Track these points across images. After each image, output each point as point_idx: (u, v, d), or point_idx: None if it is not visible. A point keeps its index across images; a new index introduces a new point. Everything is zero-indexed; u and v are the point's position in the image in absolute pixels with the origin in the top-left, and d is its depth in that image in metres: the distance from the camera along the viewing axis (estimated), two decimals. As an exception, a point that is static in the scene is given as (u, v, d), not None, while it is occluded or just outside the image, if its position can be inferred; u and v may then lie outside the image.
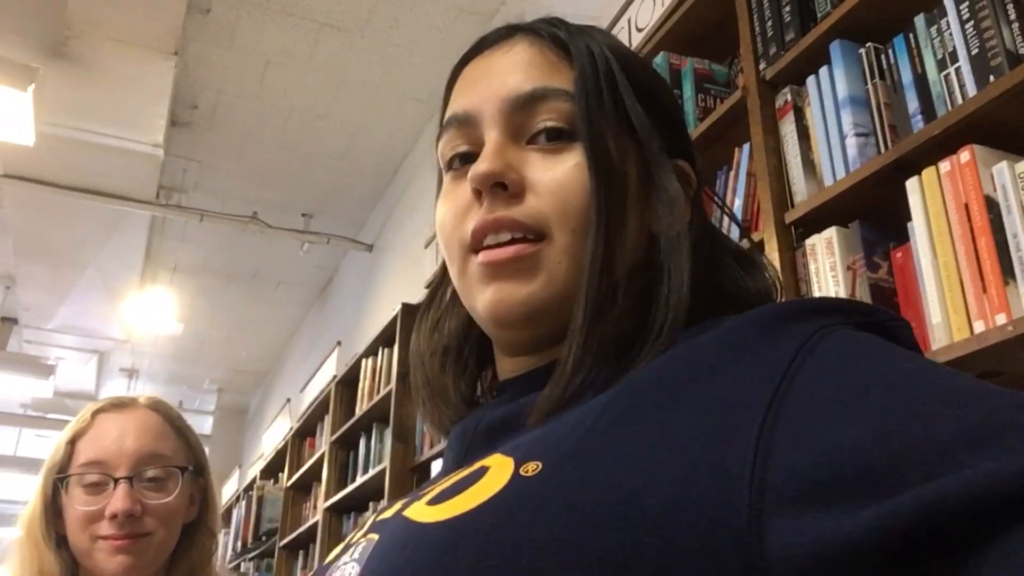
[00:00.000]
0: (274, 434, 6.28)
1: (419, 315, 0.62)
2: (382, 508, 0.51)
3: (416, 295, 3.59)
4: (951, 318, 1.15)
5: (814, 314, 0.41)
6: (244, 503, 5.80)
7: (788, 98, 1.53)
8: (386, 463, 3.35)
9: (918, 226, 1.22)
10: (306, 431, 5.06)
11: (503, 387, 0.55)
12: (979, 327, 1.11)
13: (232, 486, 7.29)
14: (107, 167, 4.51)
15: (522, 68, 0.53)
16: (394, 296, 4.16)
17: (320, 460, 4.35)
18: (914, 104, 1.31)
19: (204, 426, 8.96)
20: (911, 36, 1.34)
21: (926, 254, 1.20)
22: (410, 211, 4.53)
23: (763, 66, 1.59)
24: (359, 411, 3.87)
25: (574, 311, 0.48)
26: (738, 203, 1.62)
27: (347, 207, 5.22)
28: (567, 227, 0.49)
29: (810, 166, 1.47)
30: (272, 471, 5.67)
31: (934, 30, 1.30)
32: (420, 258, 3.92)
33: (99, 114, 4.11)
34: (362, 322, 5.02)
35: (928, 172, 1.21)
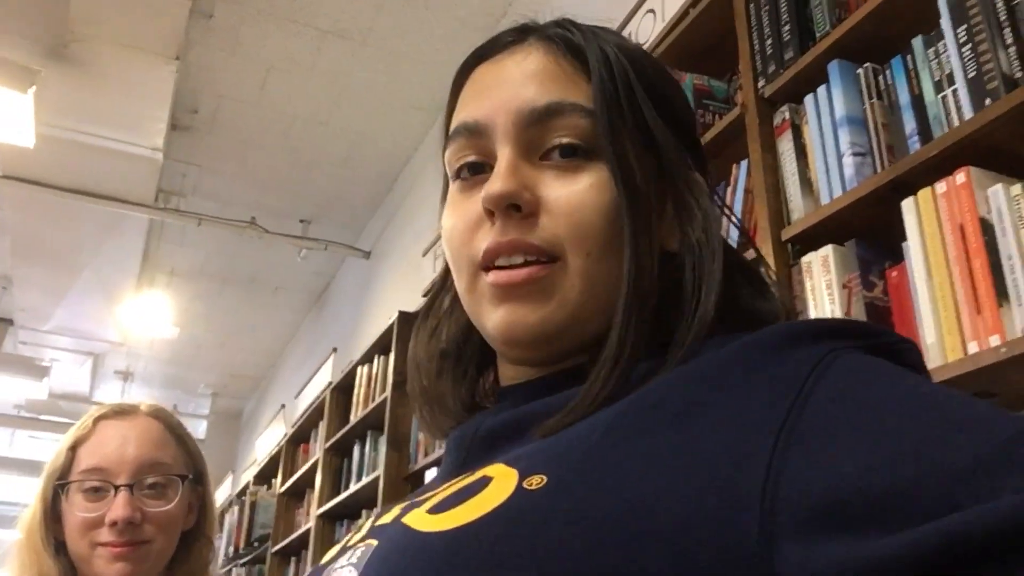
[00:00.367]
0: (268, 440, 6.26)
1: (418, 320, 0.61)
2: (380, 512, 0.50)
3: (413, 303, 3.59)
4: (945, 338, 1.16)
5: (825, 336, 0.41)
6: (237, 508, 5.79)
7: (786, 116, 1.54)
8: (380, 471, 3.34)
9: (913, 246, 1.23)
10: (300, 437, 5.06)
11: (504, 393, 0.54)
12: (973, 348, 1.12)
13: (225, 491, 7.27)
14: (106, 170, 4.51)
15: (537, 79, 0.51)
16: (391, 304, 4.16)
17: (314, 467, 4.34)
18: (911, 125, 1.32)
19: (198, 430, 8.93)
20: (909, 57, 1.35)
21: (921, 274, 1.21)
22: (409, 219, 4.53)
23: (762, 84, 1.61)
24: (354, 418, 3.86)
25: (610, 336, 0.47)
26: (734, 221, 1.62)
27: (346, 214, 5.22)
28: (582, 250, 0.48)
29: (807, 184, 1.48)
30: (265, 477, 5.66)
31: (931, 52, 1.31)
32: (418, 266, 3.92)
33: (99, 117, 4.11)
34: (358, 329, 5.02)
35: (924, 193, 1.22)
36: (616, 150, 0.49)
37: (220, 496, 7.11)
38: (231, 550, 5.74)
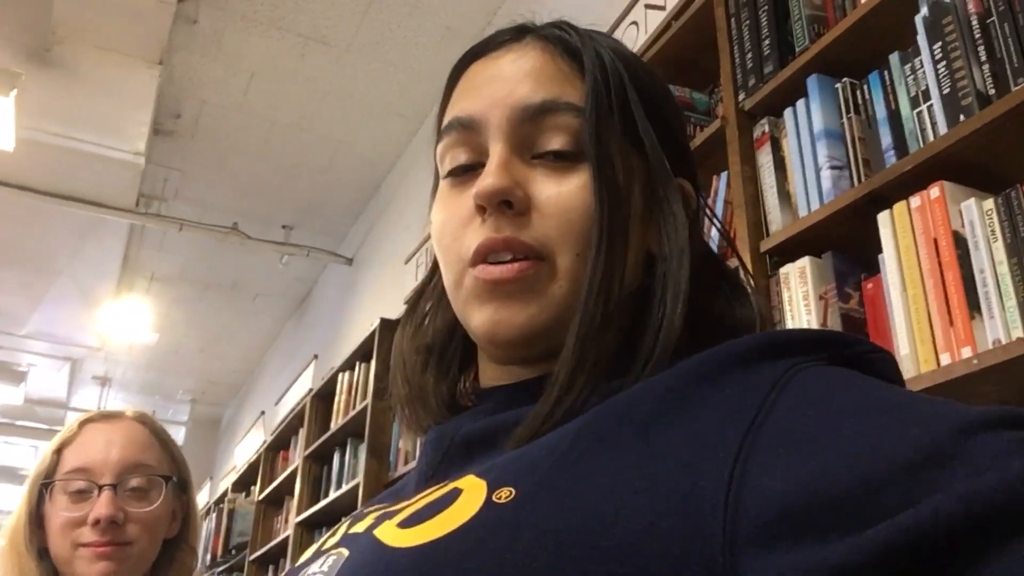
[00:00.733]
0: (247, 447, 6.22)
1: (405, 314, 0.60)
2: (355, 516, 0.51)
3: (396, 310, 3.59)
4: (919, 350, 1.18)
5: (791, 348, 0.41)
6: (215, 516, 5.73)
7: (765, 129, 1.56)
8: (360, 479, 3.33)
9: (888, 259, 1.25)
10: (280, 444, 5.02)
11: (485, 394, 0.53)
12: (945, 359, 1.14)
13: (203, 498, 7.21)
14: (87, 174, 4.48)
15: (532, 77, 0.51)
16: (373, 311, 4.15)
17: (293, 474, 4.32)
18: (887, 139, 1.35)
19: (177, 437, 8.81)
20: (886, 73, 1.38)
21: (896, 286, 1.23)
22: (391, 226, 4.53)
23: (742, 97, 1.63)
24: (334, 426, 3.85)
25: (567, 338, 0.47)
26: (715, 231, 1.64)
27: (328, 220, 5.21)
28: (571, 251, 0.48)
29: (785, 196, 1.50)
30: (244, 484, 5.62)
31: (908, 68, 1.33)
32: (400, 273, 3.92)
33: (81, 120, 4.09)
34: (340, 336, 5.01)
35: (899, 206, 1.24)
36: (599, 151, 0.49)
37: (198, 503, 7.04)
38: (209, 558, 5.69)
